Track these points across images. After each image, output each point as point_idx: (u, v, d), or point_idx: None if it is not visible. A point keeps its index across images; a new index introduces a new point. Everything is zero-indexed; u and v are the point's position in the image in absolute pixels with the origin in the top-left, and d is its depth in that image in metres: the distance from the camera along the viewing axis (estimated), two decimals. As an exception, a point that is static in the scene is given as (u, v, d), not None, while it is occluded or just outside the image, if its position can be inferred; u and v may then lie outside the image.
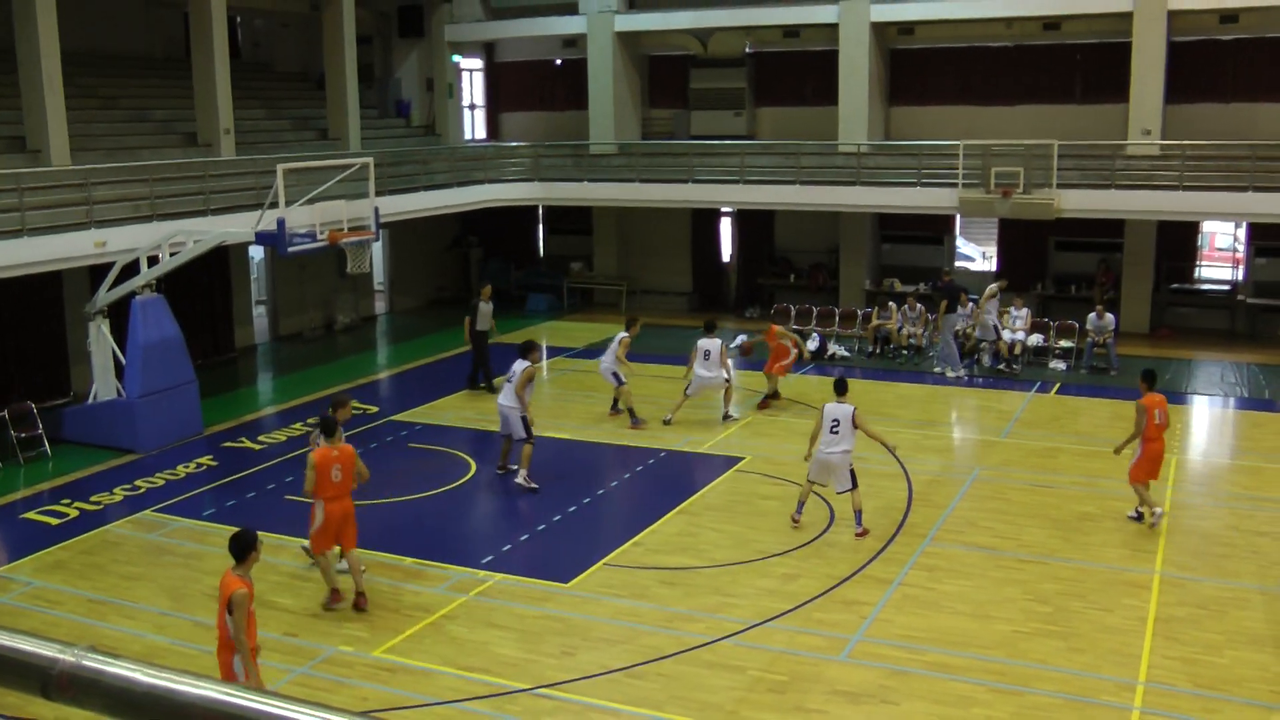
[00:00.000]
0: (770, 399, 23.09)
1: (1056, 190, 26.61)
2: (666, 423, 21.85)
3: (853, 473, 16.19)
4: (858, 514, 16.25)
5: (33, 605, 14.31)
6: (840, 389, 16.64)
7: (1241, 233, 30.50)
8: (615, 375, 21.98)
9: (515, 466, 18.80)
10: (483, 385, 24.37)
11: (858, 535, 16.13)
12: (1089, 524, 16.59)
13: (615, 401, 22.45)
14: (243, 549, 10.52)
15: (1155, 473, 16.52)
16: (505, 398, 18.51)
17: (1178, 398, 23.65)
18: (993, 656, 12.61)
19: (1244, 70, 28.85)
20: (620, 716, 11.48)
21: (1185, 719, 11.26)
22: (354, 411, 17.46)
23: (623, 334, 22.08)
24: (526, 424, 18.26)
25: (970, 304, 26.78)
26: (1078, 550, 15.63)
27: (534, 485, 18.32)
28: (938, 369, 25.94)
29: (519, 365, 18.35)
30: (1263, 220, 27.31)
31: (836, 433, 16.04)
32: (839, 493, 16.49)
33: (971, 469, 19.28)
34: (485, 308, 24.30)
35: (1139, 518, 16.49)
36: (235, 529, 11.03)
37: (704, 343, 21.96)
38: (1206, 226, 31.80)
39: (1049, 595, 14.16)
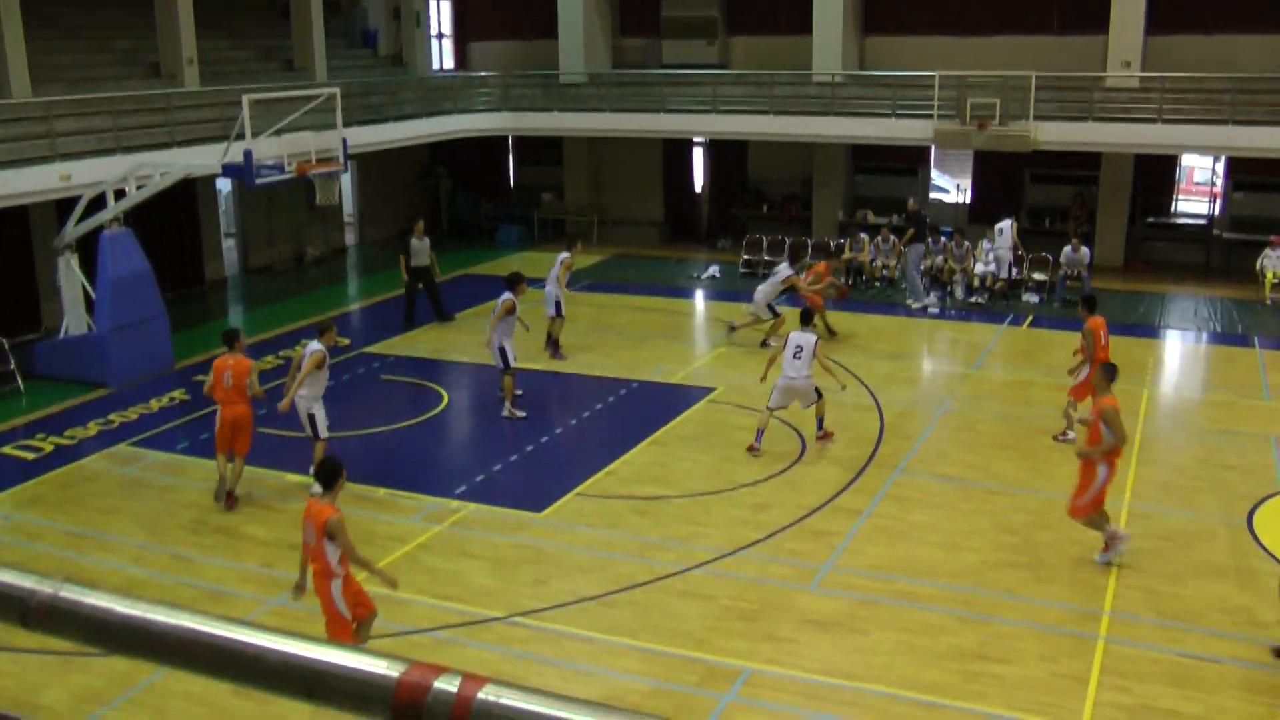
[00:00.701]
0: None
1: (1033, 122, 26.55)
2: (732, 329, 22.75)
3: (817, 389, 16.73)
4: (820, 419, 16.97)
5: (12, 539, 14.34)
6: (805, 319, 17.22)
7: (1220, 166, 30.51)
8: (557, 305, 21.60)
9: (519, 392, 18.94)
10: (406, 321, 24.46)
11: (819, 438, 16.92)
12: (1058, 456, 16.73)
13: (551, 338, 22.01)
14: (332, 476, 10.51)
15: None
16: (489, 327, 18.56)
17: (1150, 331, 23.82)
18: (961, 586, 12.76)
19: (1226, 1, 28.67)
20: (593, 644, 11.59)
21: (1149, 648, 11.44)
22: (338, 340, 17.60)
23: (564, 254, 21.80)
24: (503, 354, 18.29)
25: (943, 239, 26.83)
26: (1047, 482, 15.78)
27: (520, 414, 18.44)
28: (909, 301, 25.99)
29: (502, 297, 18.37)
30: (1242, 154, 27.25)
31: (799, 358, 16.51)
32: (803, 407, 16.97)
33: (943, 401, 19.39)
34: (419, 244, 24.08)
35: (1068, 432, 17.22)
36: (198, 459, 11.02)
37: (780, 267, 22.58)
38: (1185, 160, 31.79)
39: (1017, 526, 14.31)
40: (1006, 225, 26.47)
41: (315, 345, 15.31)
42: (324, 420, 15.41)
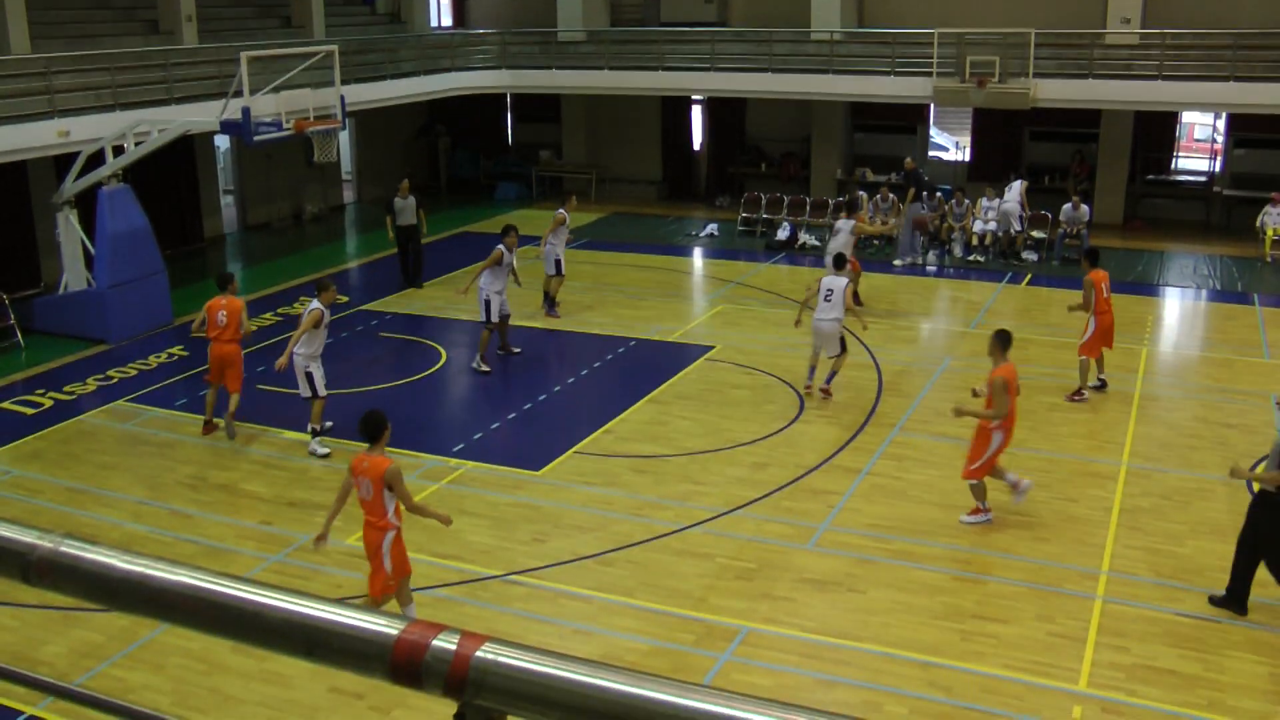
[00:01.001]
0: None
1: (1033, 80, 26.43)
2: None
3: (843, 340, 16.98)
4: (832, 374, 17.11)
5: (12, 494, 14.38)
6: (839, 263, 17.56)
7: (1221, 123, 30.40)
8: (557, 263, 21.34)
9: (517, 350, 19.07)
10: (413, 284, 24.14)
11: (822, 389, 17.15)
12: (1057, 415, 16.76)
13: (547, 296, 21.86)
14: (378, 428, 10.58)
15: (1110, 342, 17.35)
16: (479, 279, 18.48)
17: (1150, 289, 23.80)
18: (958, 545, 12.79)
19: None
20: (591, 603, 11.63)
21: (1147, 607, 11.48)
22: (338, 298, 17.58)
23: (559, 210, 21.56)
24: (486, 307, 18.24)
25: (938, 195, 26.76)
26: (1046, 441, 15.80)
27: (485, 369, 18.42)
28: (895, 260, 25.87)
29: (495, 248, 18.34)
30: (1243, 111, 27.12)
31: (830, 301, 16.75)
32: (829, 357, 17.11)
33: (941, 359, 19.39)
34: (403, 203, 23.71)
35: (1102, 385, 17.48)
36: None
37: (840, 223, 21.73)
38: (1185, 117, 31.67)
39: (1015, 484, 14.33)
40: (1016, 184, 26.38)
41: (314, 304, 15.30)
42: (322, 378, 15.39)
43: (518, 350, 19.11)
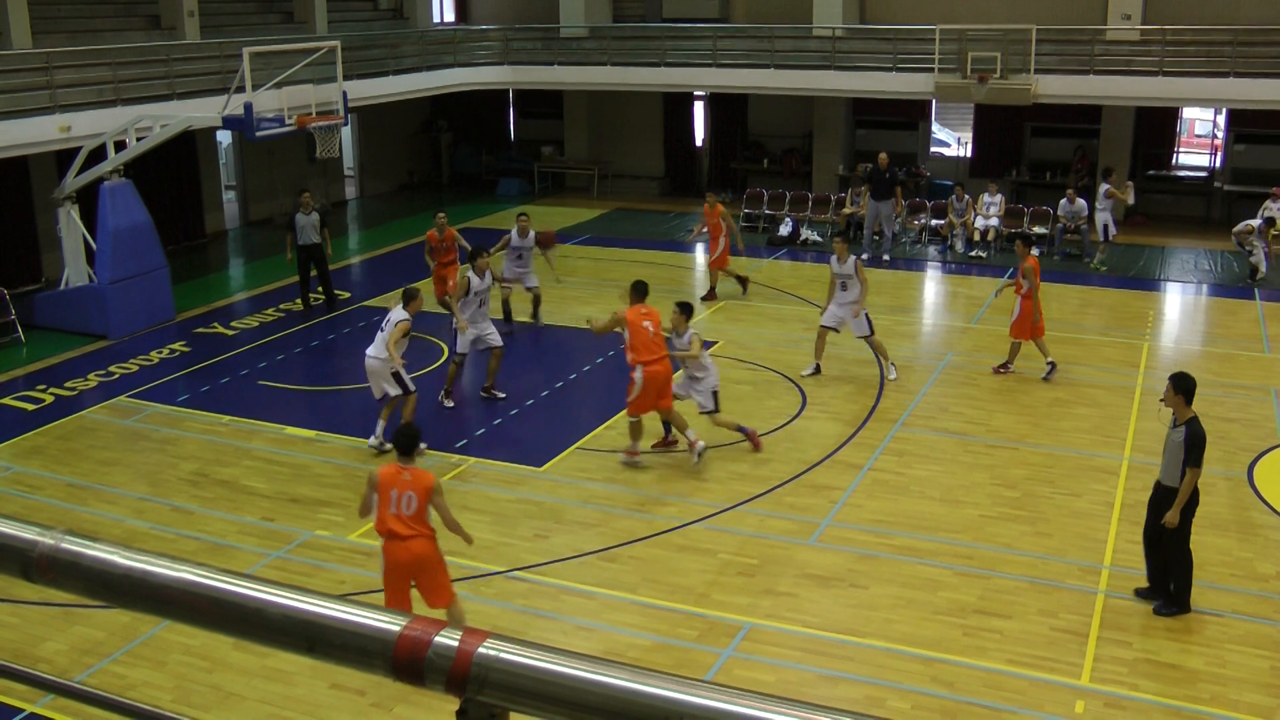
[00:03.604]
0: (711, 297, 22.71)
1: (1034, 75, 26.41)
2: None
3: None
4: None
5: (13, 490, 14.36)
6: None
7: (1221, 119, 30.37)
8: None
9: (502, 395, 18.43)
10: (317, 299, 22.45)
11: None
12: (1059, 410, 16.74)
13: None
14: (414, 442, 10.52)
15: (1041, 330, 17.96)
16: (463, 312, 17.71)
17: (1151, 284, 23.78)
18: (960, 541, 12.78)
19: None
20: (594, 599, 11.63)
21: (1149, 601, 11.46)
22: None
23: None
24: (454, 338, 17.45)
25: (898, 189, 26.48)
26: (1047, 436, 15.79)
27: (500, 395, 17.49)
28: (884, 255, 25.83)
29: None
30: (1243, 106, 27.11)
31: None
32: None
33: (943, 355, 19.37)
34: (305, 219, 21.76)
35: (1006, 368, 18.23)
36: (201, 411, 10.98)
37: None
38: (1186, 113, 31.65)
39: (1017, 480, 14.33)
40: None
41: (403, 314, 14.94)
42: (407, 376, 15.08)
43: (503, 396, 17.47)
